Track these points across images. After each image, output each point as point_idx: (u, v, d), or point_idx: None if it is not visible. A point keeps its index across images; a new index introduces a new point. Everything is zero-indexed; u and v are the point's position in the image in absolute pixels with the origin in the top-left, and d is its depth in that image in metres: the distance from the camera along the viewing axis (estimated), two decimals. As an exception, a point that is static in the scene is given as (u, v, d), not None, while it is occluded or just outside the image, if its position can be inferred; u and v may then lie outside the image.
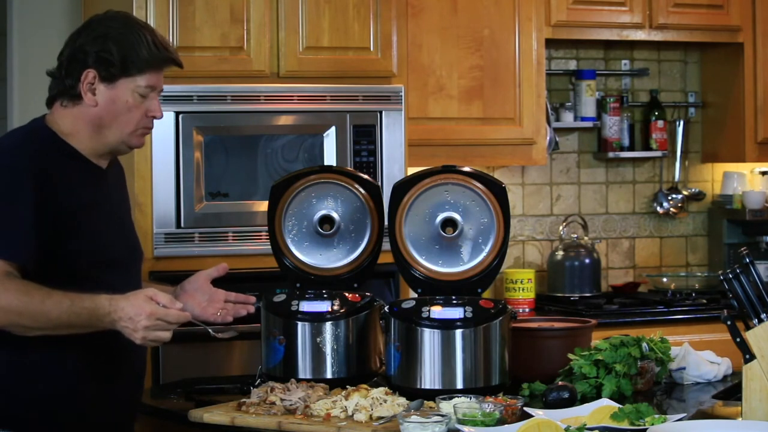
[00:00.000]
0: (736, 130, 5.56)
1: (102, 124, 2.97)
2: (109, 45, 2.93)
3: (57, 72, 2.99)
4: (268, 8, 4.44)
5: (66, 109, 2.97)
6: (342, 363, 3.33)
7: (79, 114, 2.96)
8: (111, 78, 2.94)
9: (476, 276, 3.32)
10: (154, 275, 4.27)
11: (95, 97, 2.95)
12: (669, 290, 5.42)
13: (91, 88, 2.95)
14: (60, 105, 2.98)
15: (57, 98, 2.98)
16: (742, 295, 2.90)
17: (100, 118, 2.96)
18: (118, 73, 2.94)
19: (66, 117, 2.97)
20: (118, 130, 2.99)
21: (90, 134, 2.97)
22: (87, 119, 2.96)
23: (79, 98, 2.95)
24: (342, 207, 3.47)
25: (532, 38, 5.09)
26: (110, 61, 2.93)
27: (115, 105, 2.96)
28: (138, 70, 2.97)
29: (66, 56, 2.97)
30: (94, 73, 2.93)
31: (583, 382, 3.21)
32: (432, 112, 4.96)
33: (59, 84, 2.98)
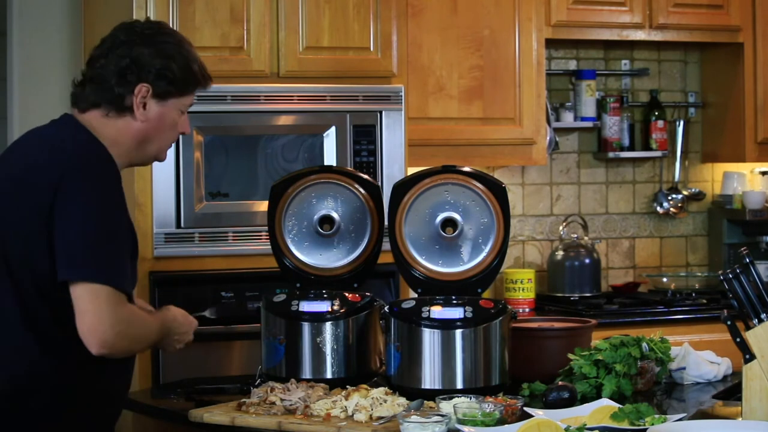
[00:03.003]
0: (736, 130, 5.56)
1: (146, 140, 2.94)
2: (171, 63, 2.92)
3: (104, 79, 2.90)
4: (268, 8, 4.44)
5: (109, 118, 2.90)
6: (342, 363, 3.33)
7: (124, 126, 2.91)
8: (165, 95, 2.92)
9: (476, 276, 3.32)
10: (154, 275, 4.27)
11: (146, 112, 2.91)
12: (669, 290, 5.42)
13: (143, 102, 2.91)
14: (102, 113, 2.90)
15: (101, 106, 2.90)
16: (742, 295, 2.90)
17: (146, 133, 2.93)
18: (174, 91, 2.94)
19: (108, 127, 2.90)
20: (158, 145, 2.98)
21: (132, 147, 2.94)
22: (132, 133, 2.92)
23: (127, 111, 2.90)
24: (342, 207, 3.47)
25: (532, 38, 5.09)
26: (170, 79, 2.92)
27: (163, 122, 2.94)
28: (190, 90, 2.99)
29: (118, 66, 2.89)
30: (148, 88, 2.90)
31: (583, 382, 3.21)
32: (432, 112, 4.96)
33: (106, 92, 2.90)
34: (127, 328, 2.78)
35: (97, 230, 2.76)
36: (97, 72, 2.91)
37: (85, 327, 2.74)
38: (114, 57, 2.89)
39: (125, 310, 2.79)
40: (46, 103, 4.82)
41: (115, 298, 2.75)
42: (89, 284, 2.73)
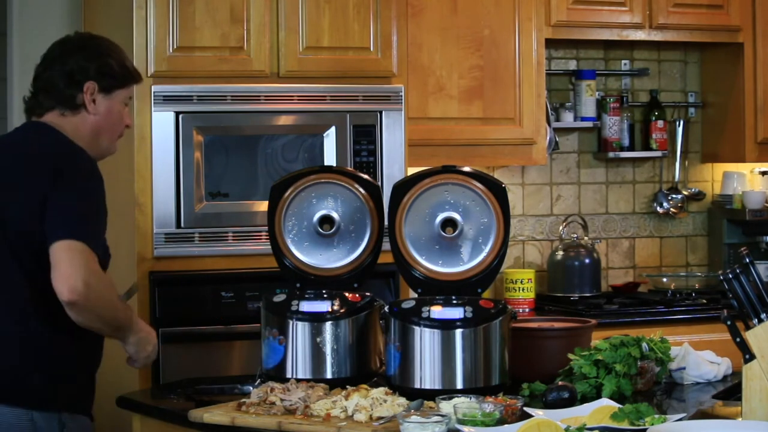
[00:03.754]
0: (736, 130, 5.56)
1: (99, 132, 3.30)
2: (109, 60, 3.30)
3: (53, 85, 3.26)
4: (268, 8, 4.44)
5: (65, 117, 3.27)
6: (342, 363, 3.33)
7: (80, 122, 3.27)
8: (110, 89, 3.29)
9: (476, 276, 3.32)
10: (154, 275, 4.28)
11: (96, 106, 3.27)
12: (669, 290, 5.41)
13: (92, 98, 3.27)
14: (59, 114, 3.26)
15: (55, 108, 3.26)
16: (742, 295, 2.90)
17: (99, 125, 3.29)
18: (116, 84, 3.31)
19: (67, 124, 3.26)
20: (109, 136, 3.33)
21: (89, 141, 3.27)
22: (88, 127, 3.28)
23: (80, 108, 3.27)
24: (342, 207, 3.47)
25: (532, 38, 5.09)
26: (111, 74, 3.29)
27: (111, 113, 3.31)
28: (129, 83, 3.36)
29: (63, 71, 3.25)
30: (94, 85, 3.27)
31: (583, 382, 3.21)
32: (432, 112, 4.96)
33: (58, 95, 3.26)
34: (97, 282, 3.06)
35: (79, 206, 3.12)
36: (44, 82, 3.28)
37: (58, 275, 3.03)
38: (57, 66, 3.27)
39: (96, 266, 3.08)
40: (46, 103, 4.82)
41: (88, 254, 3.05)
42: (66, 241, 3.04)
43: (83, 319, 3.09)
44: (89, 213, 3.14)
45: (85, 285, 3.02)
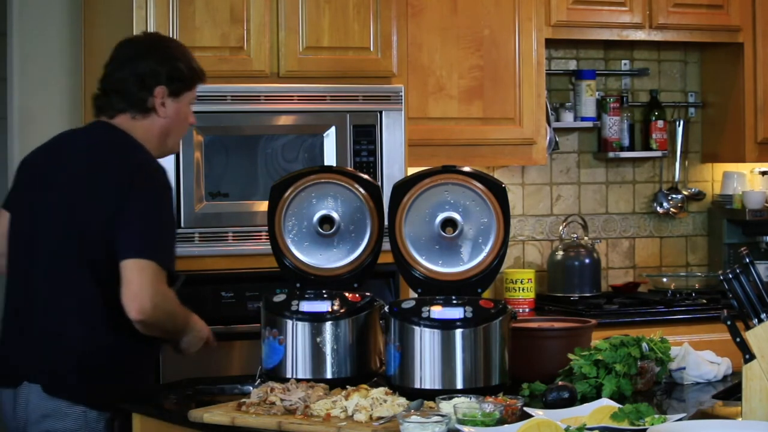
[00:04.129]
0: (736, 130, 5.56)
1: (168, 133, 3.46)
2: (178, 64, 3.43)
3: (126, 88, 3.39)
4: (268, 8, 4.44)
5: (136, 120, 3.41)
6: (342, 363, 3.33)
7: (149, 125, 3.43)
8: (178, 92, 3.44)
9: (476, 276, 3.32)
10: (154, 275, 4.27)
11: (165, 109, 3.42)
12: (669, 290, 5.41)
13: (162, 101, 3.42)
14: (129, 116, 3.41)
15: (127, 110, 3.41)
16: (742, 295, 2.90)
17: (168, 127, 3.45)
18: (185, 87, 3.45)
19: (137, 128, 3.41)
20: (176, 137, 3.51)
21: (157, 142, 3.45)
22: (157, 129, 3.44)
23: (150, 111, 3.42)
24: (342, 207, 3.47)
25: (532, 38, 5.09)
26: (180, 78, 3.43)
27: (179, 116, 3.46)
28: (196, 83, 3.49)
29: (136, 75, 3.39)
30: (164, 89, 3.41)
31: (583, 382, 3.21)
32: (432, 112, 4.96)
33: (130, 98, 3.40)
34: (163, 302, 3.25)
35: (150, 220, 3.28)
36: (116, 83, 3.41)
37: (128, 294, 3.21)
38: (129, 68, 3.40)
39: (164, 287, 3.26)
40: (46, 103, 4.82)
41: (156, 273, 3.23)
42: (136, 260, 3.21)
43: (148, 331, 3.30)
44: (160, 227, 3.30)
45: (152, 306, 3.22)
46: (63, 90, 4.83)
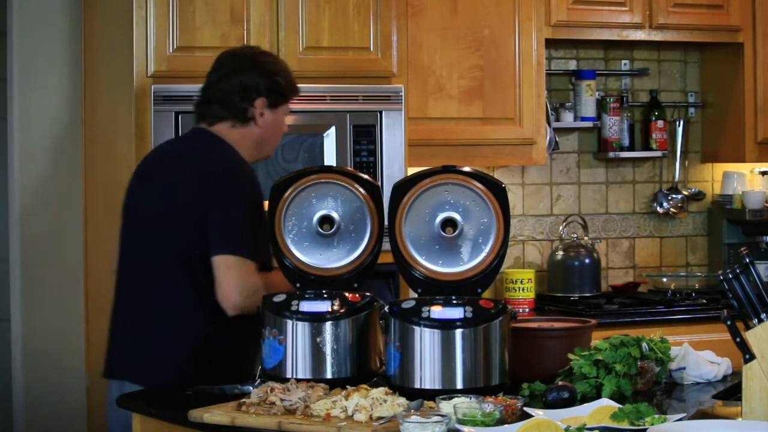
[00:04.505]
0: (736, 130, 5.56)
1: (264, 142, 3.69)
2: (277, 78, 3.66)
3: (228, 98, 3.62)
4: (268, 8, 4.44)
5: (235, 129, 3.63)
6: (342, 363, 3.33)
7: (247, 133, 3.65)
8: (276, 104, 3.66)
9: (476, 276, 3.32)
10: (154, 275, 4.27)
11: (264, 119, 3.64)
12: (669, 290, 5.41)
13: (261, 112, 3.64)
14: (229, 125, 3.63)
15: (227, 119, 3.63)
16: (742, 295, 2.90)
17: (264, 136, 3.68)
18: (282, 100, 3.68)
19: (234, 135, 3.63)
20: (271, 145, 3.75)
21: (252, 150, 3.67)
22: (253, 138, 3.66)
23: (249, 121, 3.64)
24: (342, 207, 3.47)
25: (532, 38, 5.09)
26: (279, 91, 3.66)
27: (276, 126, 3.69)
28: (292, 95, 3.72)
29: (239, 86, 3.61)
30: (264, 101, 3.63)
31: (583, 382, 3.21)
32: (432, 112, 4.96)
33: (231, 108, 3.62)
34: (254, 293, 3.44)
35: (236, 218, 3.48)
36: (219, 93, 3.63)
37: (220, 294, 3.45)
38: (233, 79, 3.62)
39: (253, 278, 3.47)
40: (46, 103, 4.82)
41: (245, 268, 3.45)
42: (225, 256, 3.44)
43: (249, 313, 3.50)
44: (243, 223, 3.49)
45: (243, 299, 3.45)
46: (63, 90, 4.83)
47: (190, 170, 3.57)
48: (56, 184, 4.82)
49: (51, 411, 4.81)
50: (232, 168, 3.56)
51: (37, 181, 4.81)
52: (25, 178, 4.81)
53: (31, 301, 4.81)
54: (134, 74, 4.32)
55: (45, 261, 4.81)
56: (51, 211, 4.82)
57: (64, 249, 4.82)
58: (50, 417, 4.81)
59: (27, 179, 4.81)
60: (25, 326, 4.81)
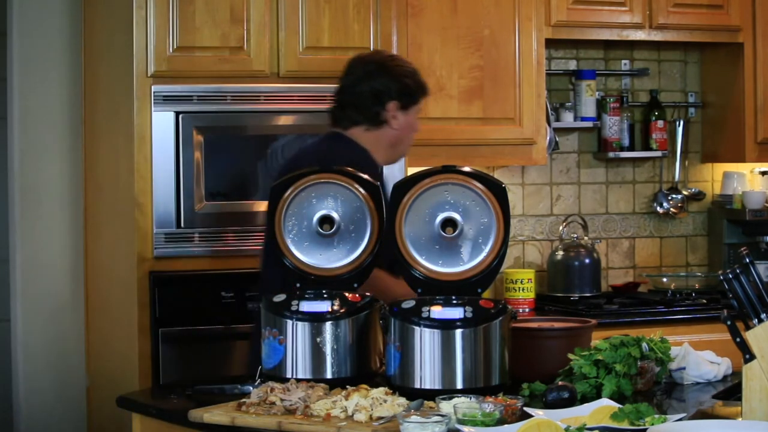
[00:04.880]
0: (736, 130, 5.56)
1: (397, 143, 3.84)
2: (407, 80, 3.80)
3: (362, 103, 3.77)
4: (268, 8, 4.44)
5: (369, 132, 3.79)
6: (342, 363, 3.33)
7: (380, 135, 3.80)
8: (407, 106, 3.81)
9: (476, 276, 3.32)
10: (154, 275, 4.28)
11: (396, 121, 3.79)
12: (669, 290, 5.41)
13: (393, 115, 3.78)
14: (364, 129, 3.79)
15: (361, 123, 3.78)
16: (742, 295, 2.90)
17: (397, 138, 3.82)
18: (413, 101, 3.82)
19: (367, 138, 3.79)
20: (405, 146, 3.89)
21: (386, 152, 3.83)
22: (387, 139, 3.82)
23: (382, 123, 3.79)
24: (342, 207, 3.47)
25: (532, 38, 5.09)
26: (409, 93, 3.80)
27: (408, 126, 3.84)
28: (422, 96, 3.87)
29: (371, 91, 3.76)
30: (396, 104, 3.78)
31: (583, 382, 3.21)
32: (432, 112, 4.96)
33: (365, 112, 3.78)
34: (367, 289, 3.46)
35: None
36: (353, 97, 3.79)
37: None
38: (365, 84, 3.77)
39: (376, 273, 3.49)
40: (46, 103, 4.82)
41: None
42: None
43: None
44: None
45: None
46: (63, 90, 4.83)
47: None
48: (56, 184, 4.83)
49: (51, 411, 4.81)
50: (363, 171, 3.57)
51: (37, 181, 4.81)
52: (25, 178, 4.81)
53: (31, 301, 4.81)
54: (134, 74, 4.32)
55: (45, 261, 4.81)
56: (51, 211, 4.82)
57: (64, 248, 4.82)
58: (50, 417, 4.81)
59: (27, 179, 4.81)
60: (25, 326, 4.81)
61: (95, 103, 4.75)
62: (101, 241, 4.69)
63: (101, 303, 4.70)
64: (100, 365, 4.71)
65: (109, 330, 4.62)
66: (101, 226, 4.69)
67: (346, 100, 3.81)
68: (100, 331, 4.71)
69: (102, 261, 4.69)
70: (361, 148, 3.77)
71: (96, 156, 4.74)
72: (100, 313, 4.71)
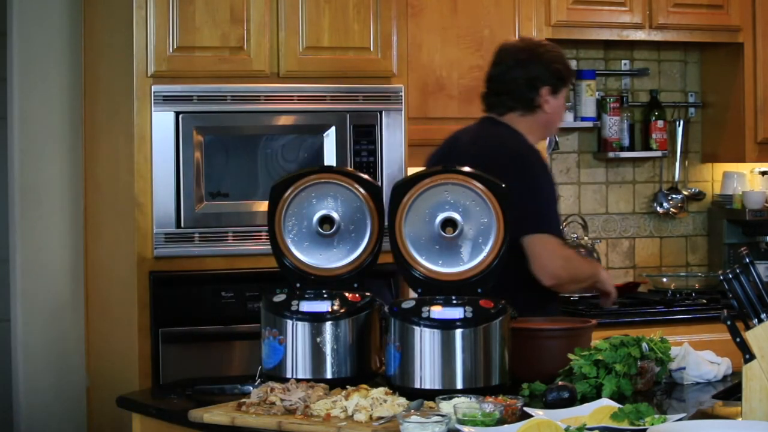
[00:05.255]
0: (736, 130, 5.56)
1: (549, 126, 4.07)
2: (557, 66, 4.01)
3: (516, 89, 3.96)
4: (268, 8, 4.44)
5: (524, 117, 3.98)
6: (342, 363, 3.33)
7: (534, 120, 3.99)
8: (557, 90, 4.00)
9: (476, 276, 3.32)
10: (154, 275, 4.28)
11: (549, 105, 3.98)
12: (669, 290, 5.41)
13: (546, 100, 3.98)
14: (518, 114, 3.98)
15: (516, 109, 3.97)
16: (742, 295, 2.90)
17: (550, 121, 4.03)
18: (563, 85, 4.02)
19: (522, 122, 3.98)
20: (555, 127, 4.15)
21: (540, 134, 4.07)
22: (541, 123, 4.01)
23: (536, 108, 3.98)
24: (342, 207, 3.47)
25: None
26: (559, 78, 4.00)
27: (560, 109, 4.06)
28: (571, 80, 4.11)
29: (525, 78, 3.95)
30: (548, 89, 3.98)
31: (583, 382, 3.21)
32: (432, 112, 4.96)
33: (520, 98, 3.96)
34: (567, 263, 3.84)
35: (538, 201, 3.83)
36: (507, 85, 3.98)
37: (538, 265, 3.78)
38: (518, 72, 3.96)
39: (565, 250, 3.88)
40: (46, 103, 4.82)
41: (555, 243, 3.81)
42: (536, 235, 3.77)
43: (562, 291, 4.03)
44: (547, 203, 3.86)
45: (561, 269, 3.80)
46: (63, 90, 4.83)
47: (488, 159, 3.79)
48: (56, 184, 4.82)
49: (51, 411, 4.81)
50: (530, 154, 3.91)
51: (37, 181, 4.81)
52: (25, 178, 4.81)
53: (31, 301, 4.81)
54: (134, 74, 4.31)
55: (45, 261, 4.81)
56: (51, 211, 4.82)
57: (64, 248, 4.82)
58: (50, 417, 4.81)
59: (27, 179, 4.81)
60: (25, 326, 4.81)
61: (95, 103, 4.75)
62: (101, 241, 4.69)
63: (101, 303, 4.70)
64: (100, 365, 4.71)
65: (109, 330, 4.62)
66: (101, 226, 4.69)
67: (500, 87, 4.00)
68: (100, 331, 4.71)
69: (102, 261, 4.69)
70: (519, 132, 3.95)
71: (96, 156, 4.74)
72: (100, 313, 4.71)
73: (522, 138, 3.96)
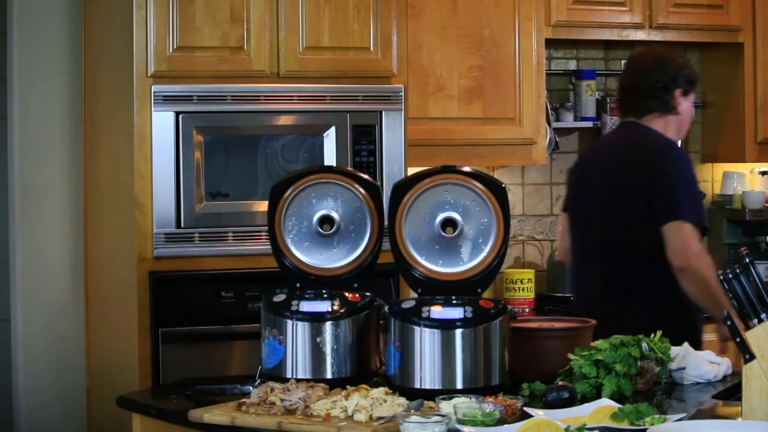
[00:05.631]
0: (736, 130, 5.56)
1: (681, 126, 4.26)
2: (686, 70, 4.25)
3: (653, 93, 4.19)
4: (268, 8, 4.44)
5: (660, 118, 4.20)
6: (342, 363, 3.33)
7: (669, 121, 4.21)
8: (687, 93, 4.23)
9: (476, 276, 3.32)
10: (154, 275, 4.28)
11: (681, 107, 4.21)
12: (669, 290, 5.40)
13: (678, 101, 4.20)
14: (657, 116, 4.20)
15: (654, 111, 4.19)
16: (742, 295, 2.90)
17: (682, 121, 4.25)
18: (692, 88, 4.26)
19: (659, 123, 4.20)
20: (686, 127, 4.30)
21: (675, 133, 4.24)
22: (674, 124, 4.23)
23: (670, 110, 4.20)
24: (342, 207, 3.47)
25: (532, 38, 5.09)
26: (688, 81, 4.24)
27: (690, 110, 4.26)
28: (697, 83, 4.33)
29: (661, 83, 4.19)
30: (680, 91, 4.21)
31: (583, 382, 3.21)
32: (432, 112, 4.96)
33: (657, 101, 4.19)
34: (698, 256, 3.94)
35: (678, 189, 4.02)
36: (646, 89, 4.21)
37: (671, 249, 3.93)
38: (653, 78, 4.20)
39: (698, 244, 3.96)
40: (46, 103, 4.82)
41: (691, 232, 3.95)
42: (675, 222, 3.95)
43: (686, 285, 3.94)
44: (687, 192, 4.03)
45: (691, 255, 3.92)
46: (63, 90, 4.83)
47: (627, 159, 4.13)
48: (56, 184, 4.82)
49: (51, 411, 4.81)
50: (672, 148, 4.16)
51: (37, 181, 4.81)
52: (25, 178, 4.81)
53: (31, 301, 4.81)
54: (134, 74, 4.31)
55: (45, 261, 4.81)
56: (51, 211, 4.82)
57: (64, 249, 4.82)
58: (50, 417, 4.81)
59: (27, 179, 4.81)
60: (25, 326, 4.81)
61: (95, 103, 4.75)
62: (101, 241, 4.69)
63: (101, 303, 4.70)
64: (100, 365, 4.70)
65: (109, 330, 4.62)
66: (101, 226, 4.69)
67: (638, 92, 4.23)
68: (100, 331, 4.71)
69: (102, 261, 4.69)
70: (659, 132, 4.17)
71: (96, 156, 4.74)
72: (100, 313, 4.71)
73: (662, 135, 4.19)
